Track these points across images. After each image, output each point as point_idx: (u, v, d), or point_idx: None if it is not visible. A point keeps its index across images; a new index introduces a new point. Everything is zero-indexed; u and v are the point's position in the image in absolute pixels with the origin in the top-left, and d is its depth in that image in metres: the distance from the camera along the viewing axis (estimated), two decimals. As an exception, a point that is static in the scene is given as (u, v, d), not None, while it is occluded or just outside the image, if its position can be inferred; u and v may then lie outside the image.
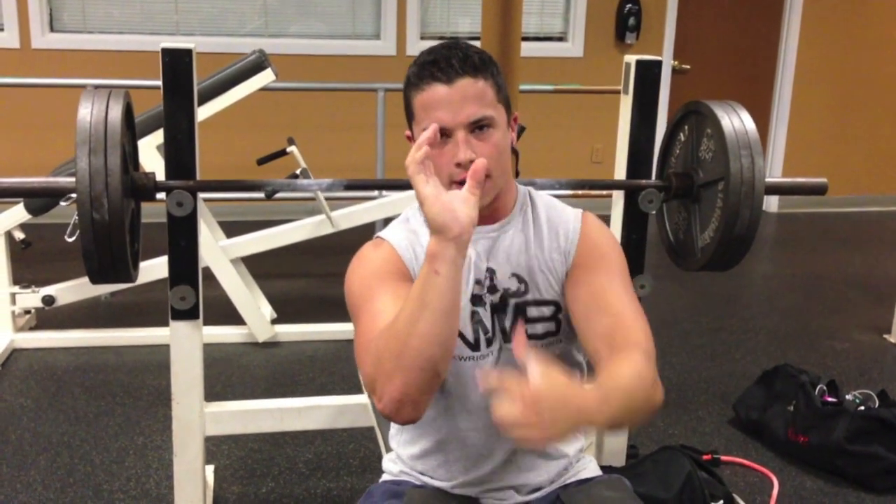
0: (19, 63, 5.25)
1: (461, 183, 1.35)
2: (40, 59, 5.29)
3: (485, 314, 1.48)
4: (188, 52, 1.97)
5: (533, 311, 1.49)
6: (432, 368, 1.25)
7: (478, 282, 1.49)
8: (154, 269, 3.30)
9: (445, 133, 1.38)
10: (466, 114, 1.37)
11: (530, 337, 1.48)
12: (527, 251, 1.50)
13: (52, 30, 5.38)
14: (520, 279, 1.49)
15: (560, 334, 1.51)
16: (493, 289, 1.49)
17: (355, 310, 1.43)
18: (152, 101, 2.69)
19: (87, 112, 1.77)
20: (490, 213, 1.49)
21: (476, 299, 1.48)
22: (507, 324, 1.49)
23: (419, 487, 1.54)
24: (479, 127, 1.38)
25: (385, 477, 1.63)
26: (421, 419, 1.49)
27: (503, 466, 1.53)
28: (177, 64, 1.96)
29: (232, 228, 3.86)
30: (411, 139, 1.46)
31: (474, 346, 1.48)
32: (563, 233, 1.52)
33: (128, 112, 1.90)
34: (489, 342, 1.49)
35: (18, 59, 5.27)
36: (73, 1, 5.40)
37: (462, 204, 1.25)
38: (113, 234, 1.76)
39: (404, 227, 1.54)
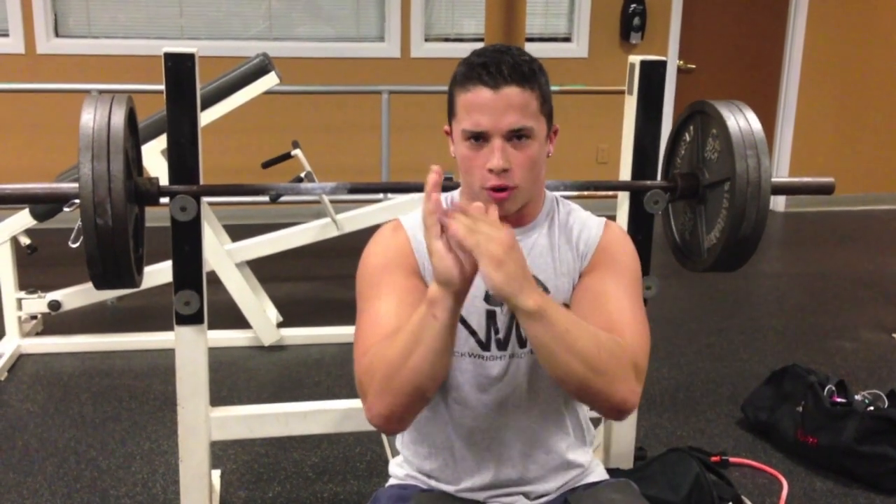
0: (24, 68, 5.27)
1: (492, 189, 1.39)
2: (45, 65, 5.30)
3: (501, 316, 1.48)
4: (190, 57, 1.96)
5: None
6: (420, 395, 1.31)
7: None
8: (160, 273, 3.29)
9: (484, 137, 1.39)
10: (507, 122, 1.38)
11: None
12: (549, 254, 1.51)
13: (56, 35, 5.40)
14: (538, 281, 1.48)
15: None
16: None
17: (361, 301, 1.46)
18: (157, 106, 2.69)
19: (89, 118, 1.76)
20: (517, 217, 1.49)
21: (493, 299, 1.48)
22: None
23: (426, 491, 1.54)
24: (517, 136, 1.39)
25: (392, 481, 1.62)
26: (424, 419, 1.50)
27: (512, 473, 1.52)
28: (179, 68, 1.96)
29: (237, 232, 3.86)
30: (449, 134, 1.48)
31: (485, 346, 1.48)
32: (584, 238, 1.52)
33: (130, 117, 1.89)
34: (500, 345, 1.48)
35: (23, 64, 5.29)
36: (77, 6, 5.42)
37: (468, 257, 1.25)
38: (116, 239, 1.75)
39: None
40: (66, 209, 2.86)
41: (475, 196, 1.42)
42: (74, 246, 3.07)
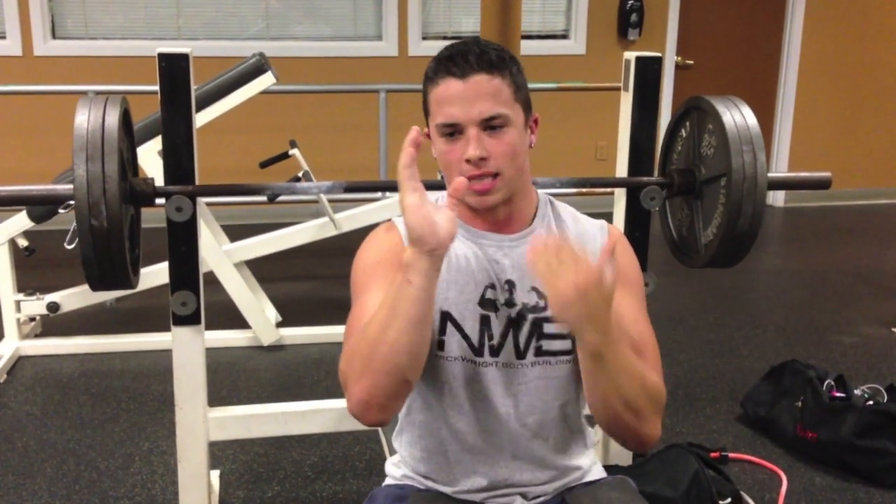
0: (22, 70, 5.26)
1: (471, 179, 1.37)
2: (43, 66, 5.30)
3: (496, 322, 1.45)
4: (185, 57, 1.96)
5: (550, 328, 1.45)
6: (399, 374, 1.28)
7: (492, 286, 1.45)
8: (157, 274, 3.30)
9: (458, 129, 1.37)
10: (479, 110, 1.36)
11: (545, 353, 1.45)
12: None
13: (54, 37, 5.39)
14: (539, 294, 1.45)
15: (574, 353, 1.45)
16: (510, 302, 1.45)
17: (352, 296, 1.46)
18: (157, 106, 2.69)
19: (83, 119, 1.77)
20: (507, 220, 1.46)
21: (488, 304, 1.45)
22: (523, 340, 1.45)
23: (422, 491, 1.53)
24: (492, 125, 1.37)
25: (388, 481, 1.61)
26: (418, 422, 1.48)
27: (508, 477, 1.50)
28: (174, 69, 1.96)
29: (236, 232, 3.86)
30: (429, 136, 1.45)
31: (478, 351, 1.45)
32: (589, 252, 1.47)
33: (125, 118, 1.89)
34: (493, 351, 1.45)
35: (21, 66, 5.29)
36: (75, 7, 5.42)
37: (444, 219, 1.24)
38: (112, 240, 1.75)
39: None
40: (61, 211, 2.85)
41: None
42: (70, 247, 3.07)
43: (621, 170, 2.26)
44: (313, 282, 4.63)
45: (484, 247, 1.47)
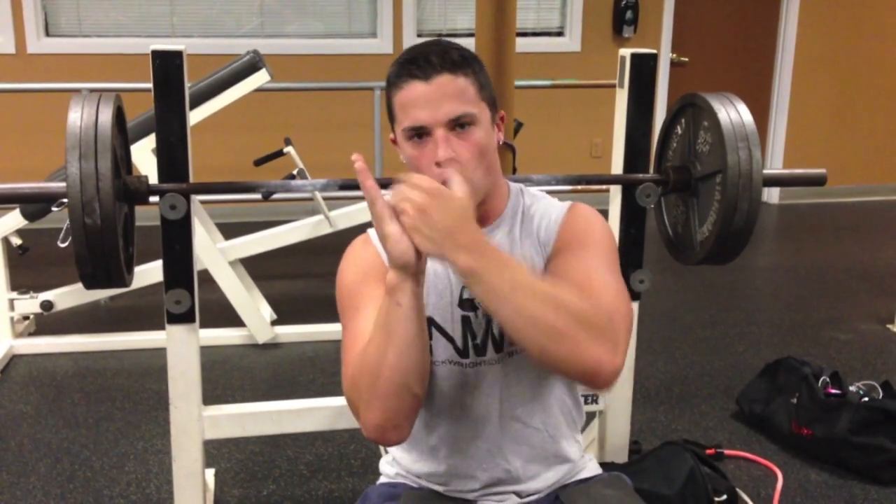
0: (15, 68, 5.24)
1: (444, 184, 1.33)
2: (36, 64, 5.28)
3: (476, 320, 1.45)
4: (178, 54, 1.95)
5: None
6: (408, 393, 1.26)
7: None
8: (152, 272, 3.28)
9: (426, 132, 1.35)
10: (445, 111, 1.34)
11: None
12: (509, 252, 1.45)
13: (47, 34, 5.37)
14: None
15: None
16: None
17: (342, 318, 1.44)
18: (150, 104, 2.69)
19: (76, 117, 1.75)
20: (480, 216, 1.43)
21: (466, 304, 1.45)
22: (497, 332, 1.44)
23: (415, 490, 1.53)
24: (459, 125, 1.35)
25: (382, 479, 1.61)
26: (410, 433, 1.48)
27: (501, 475, 1.50)
28: (167, 66, 1.95)
29: (230, 230, 3.85)
30: (395, 141, 1.43)
31: (463, 353, 1.45)
32: (544, 226, 1.47)
33: (118, 115, 1.88)
34: (478, 350, 1.45)
35: (14, 64, 5.27)
36: (68, 5, 5.40)
37: None
38: (105, 238, 1.74)
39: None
40: (54, 209, 2.84)
41: None
42: (64, 245, 3.06)
43: (617, 167, 2.26)
44: (308, 280, 4.63)
45: None
